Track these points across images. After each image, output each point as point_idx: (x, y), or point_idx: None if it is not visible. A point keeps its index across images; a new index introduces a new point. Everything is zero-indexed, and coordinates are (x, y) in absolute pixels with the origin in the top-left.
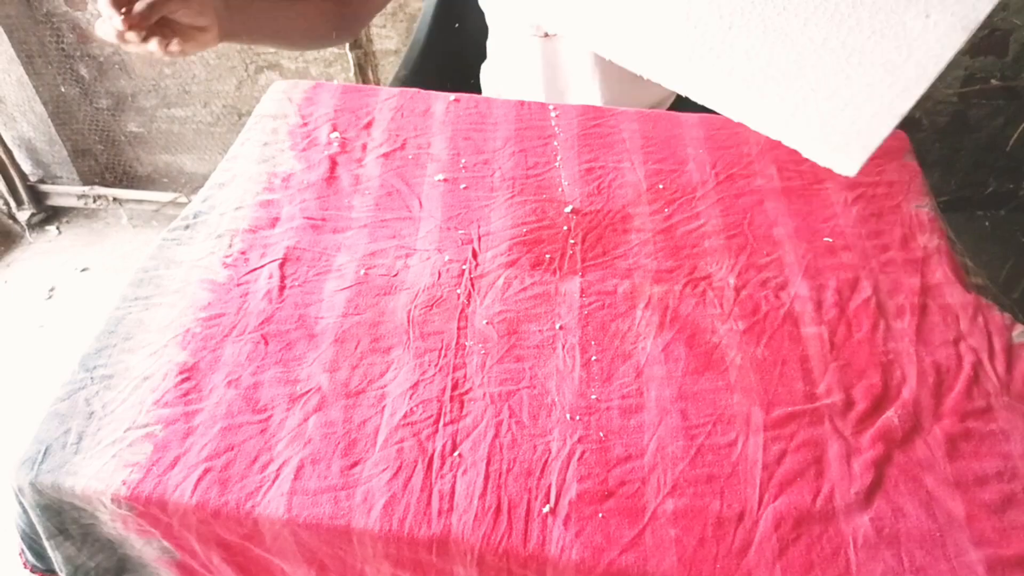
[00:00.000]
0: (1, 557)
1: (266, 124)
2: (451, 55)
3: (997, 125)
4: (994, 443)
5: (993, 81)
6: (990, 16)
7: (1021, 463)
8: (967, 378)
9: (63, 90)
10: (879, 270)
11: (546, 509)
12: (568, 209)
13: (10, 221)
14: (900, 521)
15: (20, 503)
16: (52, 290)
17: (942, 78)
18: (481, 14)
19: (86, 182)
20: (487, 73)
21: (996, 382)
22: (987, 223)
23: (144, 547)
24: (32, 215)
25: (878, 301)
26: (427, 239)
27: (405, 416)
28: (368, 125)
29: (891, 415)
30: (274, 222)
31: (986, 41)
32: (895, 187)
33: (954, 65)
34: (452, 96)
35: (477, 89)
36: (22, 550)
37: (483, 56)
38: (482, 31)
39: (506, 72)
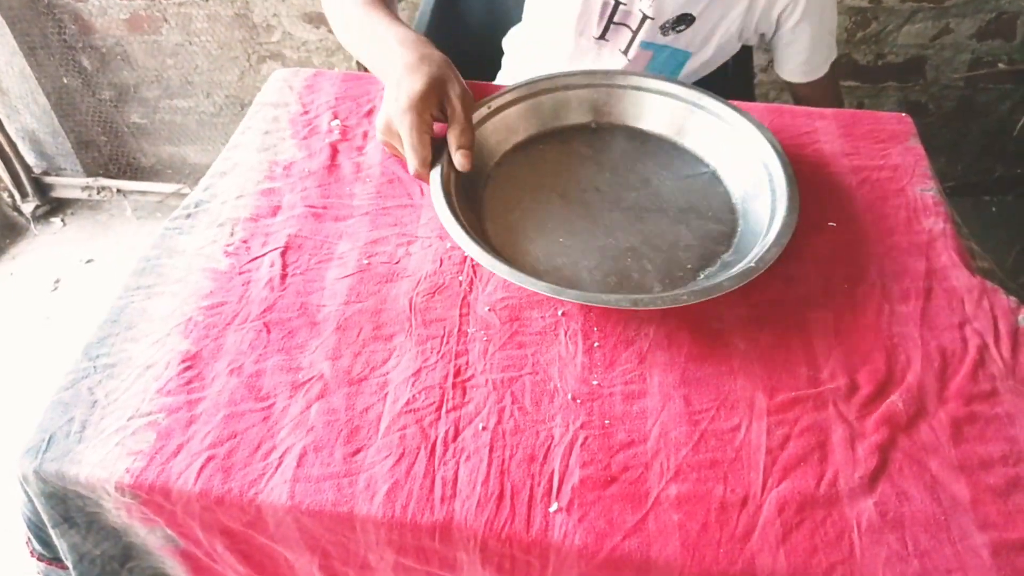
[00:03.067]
0: (8, 546)
1: (267, 113)
2: (452, 45)
3: (1004, 110)
4: (999, 427)
5: (1000, 65)
6: None
7: None
8: (972, 362)
9: (66, 81)
10: (884, 254)
11: (549, 495)
12: None
13: (15, 213)
14: (904, 505)
15: (25, 492)
16: (57, 282)
17: (949, 62)
18: (482, 5)
19: (90, 174)
20: (513, 55)
21: (1001, 366)
22: (994, 208)
23: (148, 535)
24: (37, 207)
25: (883, 285)
26: (429, 226)
27: (407, 403)
28: (369, 113)
29: (895, 399)
30: (275, 210)
31: (993, 24)
32: (899, 171)
33: (961, 49)
34: None
35: (477, 78)
36: (28, 539)
37: (483, 47)
38: (483, 22)
39: (537, 64)
